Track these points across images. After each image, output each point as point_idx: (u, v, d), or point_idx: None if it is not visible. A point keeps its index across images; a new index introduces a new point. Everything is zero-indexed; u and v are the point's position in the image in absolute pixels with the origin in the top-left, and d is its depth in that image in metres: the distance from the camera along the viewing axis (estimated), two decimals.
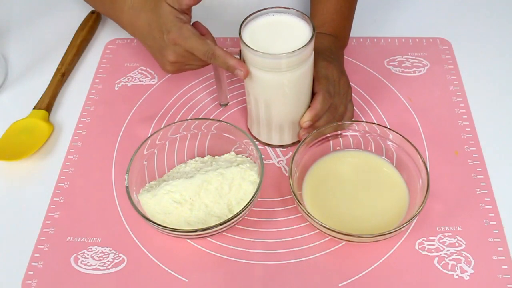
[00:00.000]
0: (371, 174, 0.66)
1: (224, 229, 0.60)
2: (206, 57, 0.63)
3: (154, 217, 0.61)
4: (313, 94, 0.67)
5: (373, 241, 0.59)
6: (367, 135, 0.67)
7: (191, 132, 0.68)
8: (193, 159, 0.68)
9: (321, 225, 0.58)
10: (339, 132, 0.67)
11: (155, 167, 0.67)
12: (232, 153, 0.67)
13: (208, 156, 0.68)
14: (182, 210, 0.61)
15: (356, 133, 0.67)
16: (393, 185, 0.64)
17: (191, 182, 0.61)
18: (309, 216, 0.58)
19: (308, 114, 0.66)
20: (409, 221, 0.57)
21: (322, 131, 0.66)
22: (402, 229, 0.57)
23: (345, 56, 0.81)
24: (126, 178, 0.61)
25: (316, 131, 0.65)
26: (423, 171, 0.61)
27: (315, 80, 0.66)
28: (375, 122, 0.69)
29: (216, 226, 0.58)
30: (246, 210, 0.59)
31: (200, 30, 0.67)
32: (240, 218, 0.60)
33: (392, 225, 0.61)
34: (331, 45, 0.72)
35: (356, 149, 0.68)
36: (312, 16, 0.78)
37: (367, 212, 0.62)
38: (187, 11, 0.65)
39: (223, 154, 0.67)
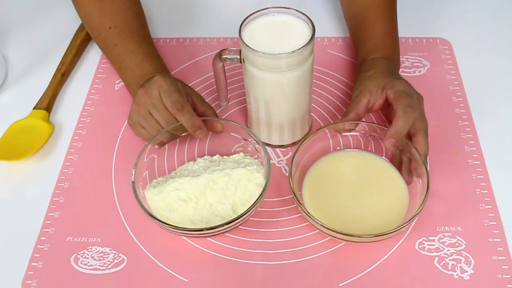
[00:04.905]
0: (371, 174, 0.66)
1: (228, 229, 0.60)
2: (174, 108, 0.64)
3: (159, 214, 0.61)
4: (391, 112, 0.65)
5: (373, 241, 0.59)
6: (367, 135, 0.67)
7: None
8: (202, 158, 0.68)
9: (321, 225, 0.58)
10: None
11: (165, 163, 0.68)
12: (241, 154, 0.67)
13: (217, 155, 0.68)
14: (186, 208, 0.61)
15: (356, 133, 0.67)
16: (393, 185, 0.64)
17: (197, 180, 0.61)
18: (309, 216, 0.58)
19: (391, 133, 0.62)
20: (409, 221, 0.57)
21: (335, 127, 0.65)
22: (402, 229, 0.57)
23: (346, 57, 0.81)
24: (133, 173, 0.61)
25: (316, 131, 0.65)
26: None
27: (394, 98, 0.64)
28: (375, 122, 0.69)
29: (222, 225, 0.58)
30: (251, 211, 0.59)
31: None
32: (245, 219, 0.60)
33: (392, 225, 0.61)
34: (393, 68, 0.70)
35: (356, 149, 0.68)
36: (361, 41, 0.75)
37: (367, 212, 0.62)
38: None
39: (232, 155, 0.67)
